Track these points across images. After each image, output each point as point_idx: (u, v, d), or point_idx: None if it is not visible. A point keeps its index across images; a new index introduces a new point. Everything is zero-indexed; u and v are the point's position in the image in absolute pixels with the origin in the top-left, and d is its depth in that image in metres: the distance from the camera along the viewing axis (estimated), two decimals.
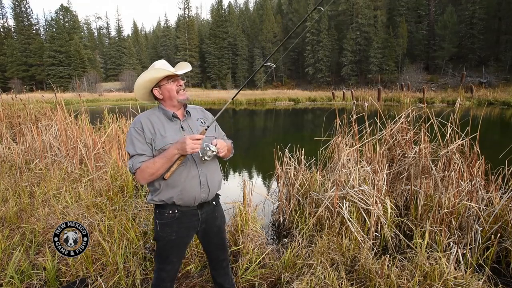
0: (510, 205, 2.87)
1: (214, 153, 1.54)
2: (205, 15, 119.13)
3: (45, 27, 60.91)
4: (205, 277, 2.48)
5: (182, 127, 1.66)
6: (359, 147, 3.77)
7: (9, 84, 45.35)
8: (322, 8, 1.80)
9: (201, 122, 1.75)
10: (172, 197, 1.59)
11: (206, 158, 1.54)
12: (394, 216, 3.14)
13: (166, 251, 1.68)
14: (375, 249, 2.79)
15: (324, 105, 26.49)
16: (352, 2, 46.25)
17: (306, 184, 3.59)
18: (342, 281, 2.17)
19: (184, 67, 1.70)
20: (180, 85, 1.67)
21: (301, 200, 3.49)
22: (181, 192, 1.59)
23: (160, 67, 1.61)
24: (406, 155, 3.72)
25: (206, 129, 1.59)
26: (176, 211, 1.63)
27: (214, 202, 1.78)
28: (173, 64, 1.71)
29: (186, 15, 60.00)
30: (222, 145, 1.60)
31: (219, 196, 1.85)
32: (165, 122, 1.64)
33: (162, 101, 1.69)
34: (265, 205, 4.07)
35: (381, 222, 2.98)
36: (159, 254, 1.71)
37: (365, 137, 3.80)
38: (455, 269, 2.28)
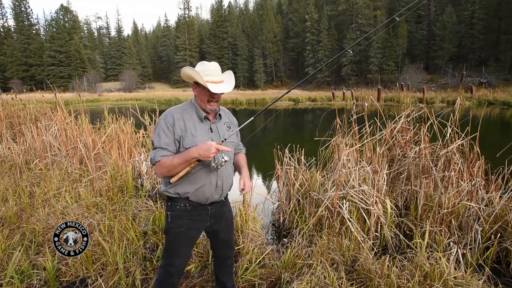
0: (510, 205, 2.87)
1: (226, 162, 1.58)
2: (205, 15, 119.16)
3: (45, 27, 60.94)
4: (205, 277, 2.47)
5: (211, 128, 1.69)
6: (359, 147, 3.77)
7: (9, 84, 45.28)
8: (351, 52, 1.98)
9: (227, 126, 1.79)
10: (187, 193, 1.63)
11: (218, 166, 1.56)
12: (394, 216, 3.14)
13: (175, 243, 1.71)
14: (375, 249, 2.79)
15: (324, 105, 26.46)
16: (352, 2, 46.23)
17: (306, 184, 3.58)
18: (342, 281, 2.17)
19: (224, 88, 1.60)
20: (214, 98, 1.63)
21: (301, 200, 3.49)
22: (197, 190, 1.63)
23: (203, 70, 1.57)
24: (406, 155, 3.72)
25: (222, 141, 1.62)
26: (188, 205, 1.68)
27: (223, 198, 1.83)
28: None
29: (186, 15, 60.02)
30: (247, 185, 1.77)
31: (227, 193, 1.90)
32: (196, 122, 1.66)
33: (195, 96, 1.70)
34: (265, 205, 4.06)
35: (381, 222, 2.98)
36: (168, 247, 1.73)
37: (365, 137, 3.79)
38: (455, 269, 2.28)
